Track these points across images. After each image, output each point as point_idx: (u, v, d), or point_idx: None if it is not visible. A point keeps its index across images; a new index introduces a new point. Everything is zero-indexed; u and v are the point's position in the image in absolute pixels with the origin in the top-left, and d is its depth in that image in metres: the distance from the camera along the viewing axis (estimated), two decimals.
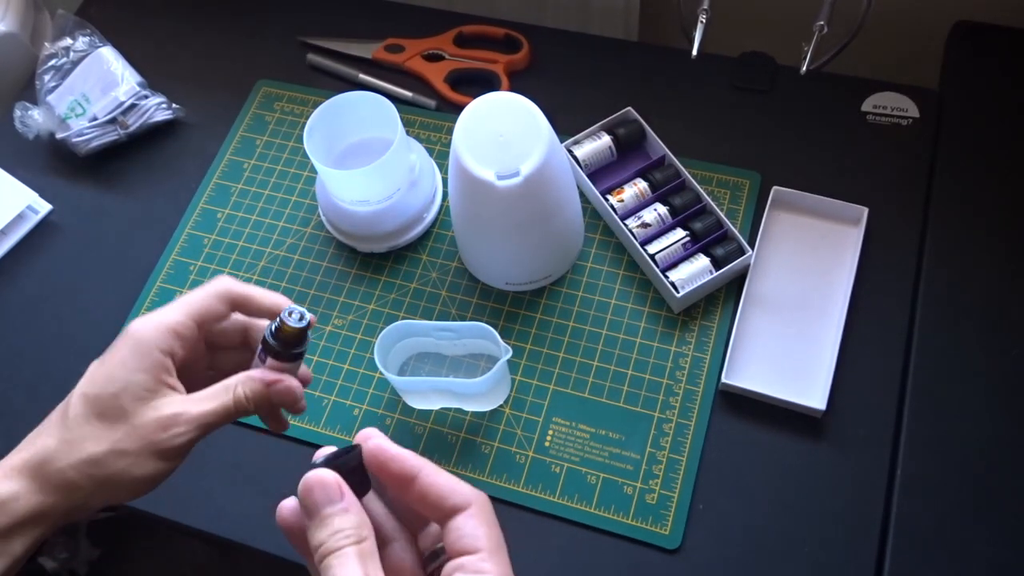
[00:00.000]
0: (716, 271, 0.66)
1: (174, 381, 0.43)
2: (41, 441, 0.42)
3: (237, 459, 0.65)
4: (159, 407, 0.42)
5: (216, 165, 0.79)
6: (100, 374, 0.43)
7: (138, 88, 0.80)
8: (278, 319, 0.45)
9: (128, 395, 0.42)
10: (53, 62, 0.81)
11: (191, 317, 0.44)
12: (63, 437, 0.42)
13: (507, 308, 0.69)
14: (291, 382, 0.45)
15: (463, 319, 0.69)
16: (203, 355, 0.47)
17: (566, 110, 0.76)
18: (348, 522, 0.35)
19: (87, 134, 0.78)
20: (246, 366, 0.46)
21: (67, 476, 0.41)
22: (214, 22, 0.87)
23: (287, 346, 0.45)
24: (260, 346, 0.46)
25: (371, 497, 0.39)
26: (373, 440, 0.37)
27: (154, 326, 0.43)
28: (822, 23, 0.69)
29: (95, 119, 0.78)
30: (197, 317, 0.45)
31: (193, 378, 0.45)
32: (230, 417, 0.44)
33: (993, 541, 0.56)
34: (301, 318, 0.45)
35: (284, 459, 0.65)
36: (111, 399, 0.42)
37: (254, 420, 0.66)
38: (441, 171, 0.75)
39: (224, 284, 0.46)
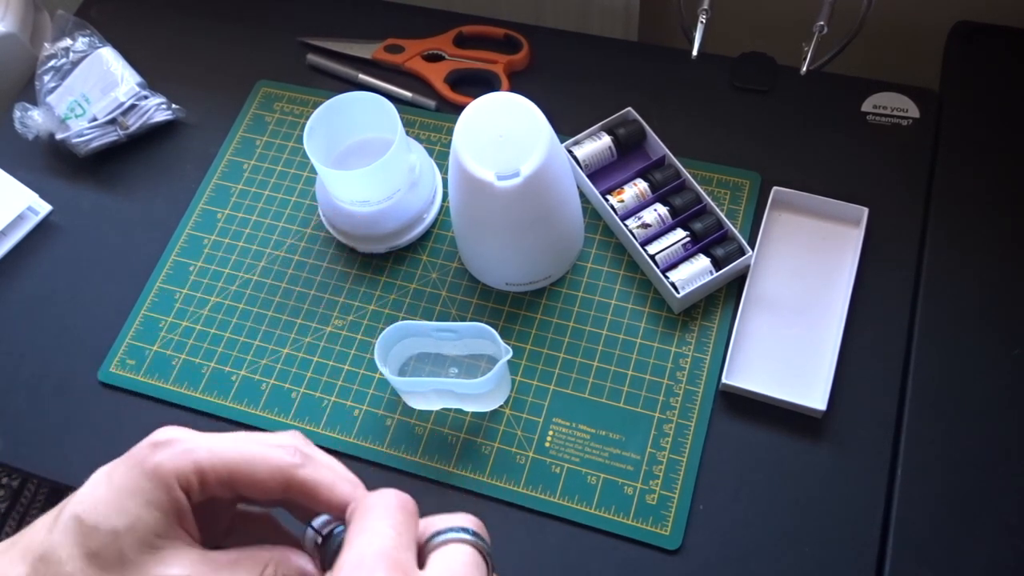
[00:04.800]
0: (716, 271, 0.66)
1: (190, 525, 0.33)
2: (24, 545, 0.32)
3: None
4: (167, 562, 0.32)
5: (216, 165, 0.79)
6: (103, 496, 0.32)
7: (138, 89, 0.80)
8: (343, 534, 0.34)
9: (132, 537, 0.31)
10: (53, 62, 0.81)
11: (230, 473, 0.33)
12: (39, 566, 0.31)
13: (507, 308, 0.69)
14: None
15: (463, 319, 0.69)
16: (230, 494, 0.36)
17: (566, 110, 0.76)
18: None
19: (87, 135, 0.78)
20: (291, 506, 0.36)
21: None
22: (214, 22, 0.87)
23: (332, 556, 0.35)
24: (313, 535, 0.35)
25: None
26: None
27: (181, 453, 0.33)
28: (822, 23, 0.69)
29: (95, 120, 0.78)
30: (236, 479, 0.34)
31: (212, 512, 0.35)
32: None
33: (993, 541, 0.56)
34: None
35: None
36: (110, 538, 0.31)
37: (254, 420, 0.67)
38: (441, 171, 0.75)
39: (288, 466, 0.34)
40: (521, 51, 0.79)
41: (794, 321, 0.66)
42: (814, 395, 0.62)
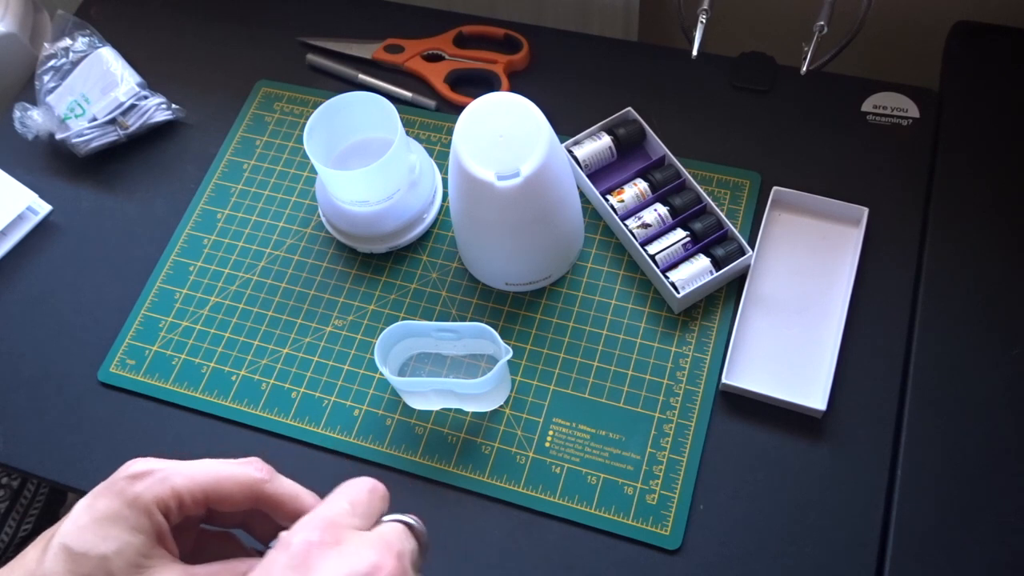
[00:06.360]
0: (716, 271, 0.66)
1: (171, 544, 0.37)
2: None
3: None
4: None
5: (216, 165, 0.79)
6: (88, 525, 0.35)
7: (138, 88, 0.80)
8: None
9: (121, 560, 0.34)
10: (53, 62, 0.81)
11: (205, 493, 0.37)
12: None
13: (507, 308, 0.69)
14: None
15: (463, 319, 0.69)
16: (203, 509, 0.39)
17: (566, 110, 0.76)
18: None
19: (87, 135, 0.78)
20: (252, 527, 0.40)
21: None
22: (214, 22, 0.87)
23: None
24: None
25: None
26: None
27: (160, 484, 0.36)
28: (822, 23, 0.69)
29: (95, 120, 0.78)
30: (211, 496, 0.37)
31: (180, 533, 0.38)
32: None
33: (993, 541, 0.56)
34: None
35: (284, 460, 0.65)
36: (100, 562, 0.34)
37: (254, 420, 0.67)
38: (441, 171, 0.75)
39: (256, 481, 0.38)
40: (521, 51, 0.79)
41: (794, 321, 0.66)
42: (814, 395, 0.62)
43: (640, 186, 0.70)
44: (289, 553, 0.34)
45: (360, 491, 0.38)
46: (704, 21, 0.71)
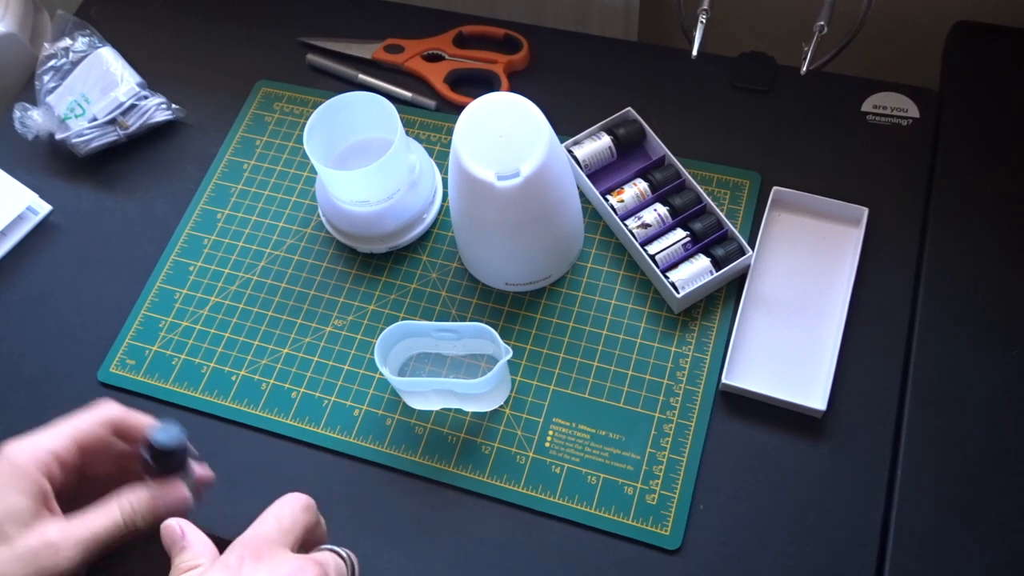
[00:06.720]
0: (716, 271, 0.66)
1: (54, 506, 0.43)
2: None
3: (236, 459, 0.65)
4: (44, 531, 0.41)
5: (216, 165, 0.79)
6: None
7: (138, 89, 0.80)
8: (148, 438, 0.46)
9: (10, 520, 0.41)
10: (52, 62, 0.81)
11: (75, 442, 0.44)
12: None
13: (507, 308, 0.69)
14: (179, 493, 0.46)
15: (463, 319, 0.69)
16: (79, 484, 0.46)
17: (566, 110, 0.76)
18: (185, 556, 0.41)
19: (87, 135, 0.78)
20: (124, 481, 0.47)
21: None
22: (214, 22, 0.87)
23: (162, 462, 0.46)
24: (143, 456, 0.46)
25: None
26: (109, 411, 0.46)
27: (35, 449, 0.43)
28: (822, 23, 0.69)
29: (95, 120, 0.78)
30: (81, 442, 0.44)
31: (68, 509, 0.44)
32: (120, 532, 0.43)
33: (993, 541, 0.56)
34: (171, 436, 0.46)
35: (284, 459, 0.65)
36: None
37: (254, 420, 0.67)
38: (441, 171, 0.75)
39: (108, 411, 0.46)
40: (521, 51, 0.79)
41: (794, 321, 0.66)
42: (814, 395, 0.62)
43: (640, 186, 0.70)
44: (226, 566, 0.39)
45: (282, 505, 0.43)
46: (704, 21, 0.71)
